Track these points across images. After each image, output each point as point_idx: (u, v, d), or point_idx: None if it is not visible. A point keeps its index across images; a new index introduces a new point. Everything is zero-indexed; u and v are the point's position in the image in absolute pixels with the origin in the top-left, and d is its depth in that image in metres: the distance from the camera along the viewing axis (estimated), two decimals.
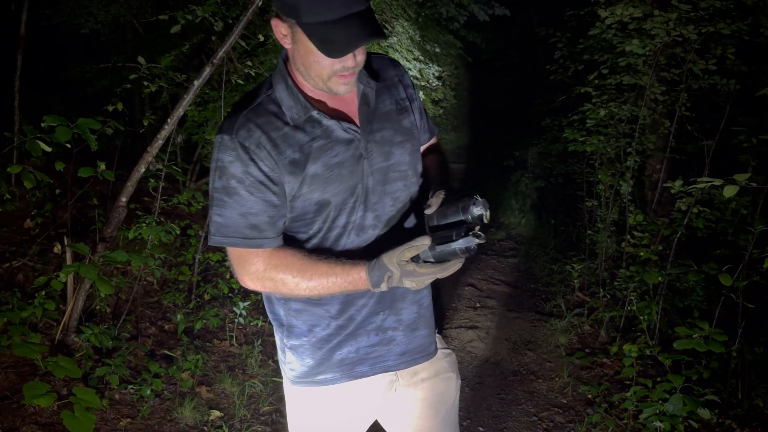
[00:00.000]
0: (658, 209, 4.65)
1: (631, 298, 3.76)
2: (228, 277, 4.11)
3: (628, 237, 4.16)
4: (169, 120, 3.16)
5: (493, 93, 13.03)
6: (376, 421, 1.68)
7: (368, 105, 1.45)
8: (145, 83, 3.58)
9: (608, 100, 4.67)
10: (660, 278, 3.37)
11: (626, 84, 4.43)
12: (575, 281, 4.94)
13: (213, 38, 3.64)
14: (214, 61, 3.11)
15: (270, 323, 3.96)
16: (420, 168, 1.54)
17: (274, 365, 3.55)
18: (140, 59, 3.33)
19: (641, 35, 3.97)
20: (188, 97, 3.15)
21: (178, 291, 4.02)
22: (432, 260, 1.29)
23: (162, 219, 3.60)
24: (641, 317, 3.34)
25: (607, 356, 3.80)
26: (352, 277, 1.34)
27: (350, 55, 1.29)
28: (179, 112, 3.17)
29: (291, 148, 1.34)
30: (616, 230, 4.97)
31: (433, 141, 1.66)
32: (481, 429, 3.16)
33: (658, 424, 2.71)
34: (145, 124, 3.71)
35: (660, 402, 2.75)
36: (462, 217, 1.29)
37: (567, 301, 4.75)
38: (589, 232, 5.32)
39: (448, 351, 1.67)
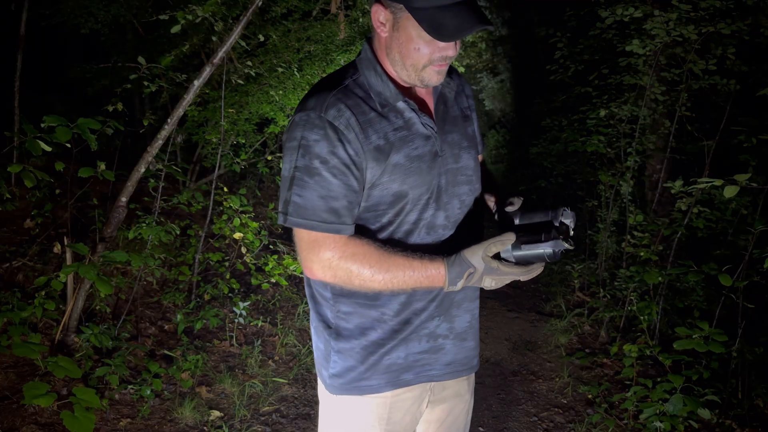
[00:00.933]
0: (658, 209, 4.65)
1: (631, 298, 3.76)
2: (228, 277, 4.11)
3: (628, 237, 4.16)
4: (169, 120, 3.16)
5: (493, 93, 13.03)
6: None
7: (445, 104, 1.44)
8: (145, 83, 3.58)
9: (608, 100, 4.67)
10: (660, 278, 3.37)
11: (626, 84, 4.44)
12: (575, 281, 4.95)
13: (213, 38, 3.64)
14: (214, 61, 3.11)
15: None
16: (480, 176, 1.53)
17: (274, 365, 3.55)
18: (140, 59, 3.33)
19: (641, 35, 3.97)
20: (188, 97, 3.15)
21: (178, 291, 4.02)
22: (512, 260, 1.26)
23: (162, 219, 3.60)
24: (641, 317, 3.34)
25: (607, 356, 3.80)
26: (430, 272, 1.30)
27: (452, 44, 1.28)
28: (179, 112, 3.16)
29: (376, 134, 1.31)
30: (616, 230, 4.97)
31: (480, 157, 1.64)
32: (481, 429, 3.16)
33: (658, 424, 2.71)
34: (145, 124, 3.71)
35: (660, 402, 2.74)
36: (549, 219, 1.28)
37: (567, 301, 4.75)
38: (589, 232, 5.32)
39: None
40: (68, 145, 2.73)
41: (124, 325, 3.50)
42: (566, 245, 1.22)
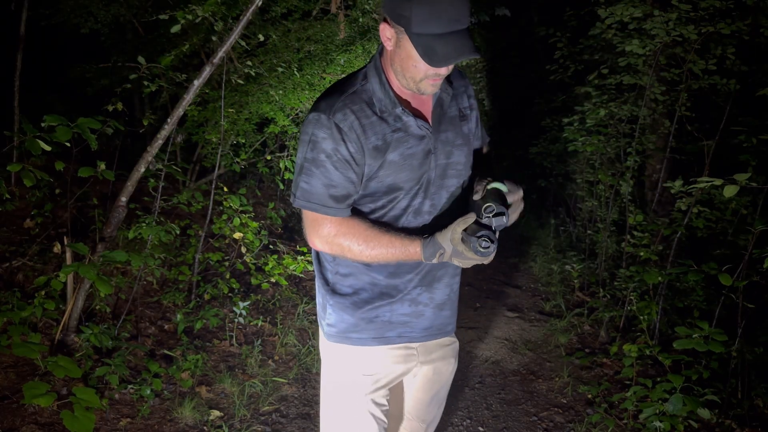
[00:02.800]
0: (658, 209, 4.65)
1: (631, 298, 3.76)
2: (228, 276, 4.11)
3: (628, 237, 4.16)
4: (169, 120, 3.16)
5: (493, 93, 13.03)
6: None
7: (441, 107, 1.66)
8: (145, 83, 3.57)
9: (608, 100, 4.67)
10: (660, 278, 3.37)
11: (626, 84, 4.44)
12: (575, 281, 4.95)
13: (213, 38, 3.64)
14: (214, 60, 3.11)
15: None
16: (471, 169, 1.75)
17: (274, 365, 3.55)
18: (140, 59, 3.33)
19: (641, 35, 3.97)
20: (188, 97, 3.15)
21: (178, 291, 4.02)
22: (477, 245, 1.42)
23: (162, 219, 3.60)
24: (641, 317, 3.34)
25: (607, 356, 3.80)
26: (409, 250, 1.54)
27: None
28: (179, 111, 3.16)
29: (375, 136, 1.54)
30: (616, 230, 4.97)
31: (485, 149, 1.87)
32: (481, 429, 3.16)
33: (657, 424, 2.71)
34: (145, 123, 3.71)
35: (660, 402, 2.75)
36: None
37: (567, 301, 4.76)
38: (589, 232, 5.32)
39: (455, 339, 1.93)
40: (68, 145, 2.73)
41: (124, 324, 3.50)
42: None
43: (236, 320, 3.82)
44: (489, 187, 1.53)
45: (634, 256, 4.14)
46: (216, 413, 3.03)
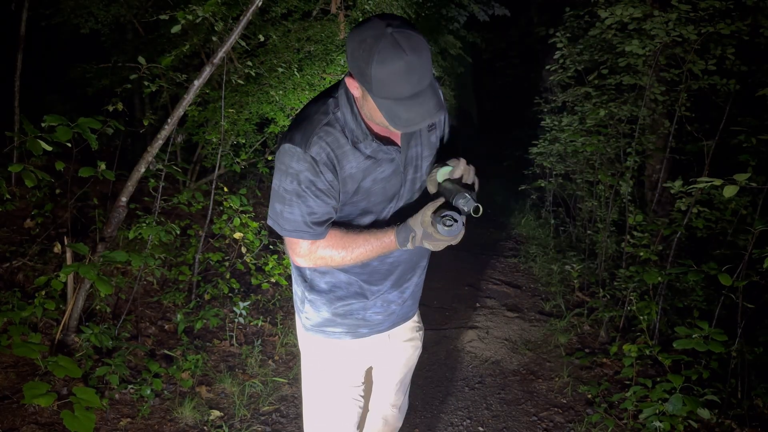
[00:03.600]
0: (658, 209, 4.65)
1: (631, 298, 3.76)
2: (228, 276, 4.11)
3: (628, 237, 4.16)
4: (169, 120, 3.16)
5: (493, 93, 13.03)
6: None
7: None
8: (146, 83, 3.57)
9: (608, 100, 4.67)
10: (660, 278, 3.37)
11: (626, 84, 4.44)
12: (575, 281, 4.95)
13: (213, 38, 3.64)
14: (215, 61, 3.11)
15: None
16: None
17: (273, 365, 3.56)
18: (140, 59, 3.33)
19: (641, 35, 3.97)
20: (188, 97, 3.15)
21: (178, 291, 4.02)
22: (442, 224, 1.50)
23: (162, 219, 3.60)
24: (641, 317, 3.34)
25: (607, 356, 3.80)
26: (383, 242, 1.62)
27: None
28: (179, 112, 3.16)
29: (350, 164, 1.60)
30: (616, 230, 4.97)
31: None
32: (481, 429, 3.16)
33: (657, 424, 2.71)
34: (145, 124, 3.71)
35: (660, 402, 2.75)
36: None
37: (567, 301, 4.76)
38: (589, 232, 5.33)
39: (422, 326, 2.10)
40: (69, 145, 2.73)
41: (124, 324, 3.50)
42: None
43: (236, 320, 3.82)
44: (441, 179, 1.60)
45: (634, 256, 4.14)
46: (216, 413, 3.03)
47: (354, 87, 1.53)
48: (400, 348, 2.01)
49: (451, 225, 1.48)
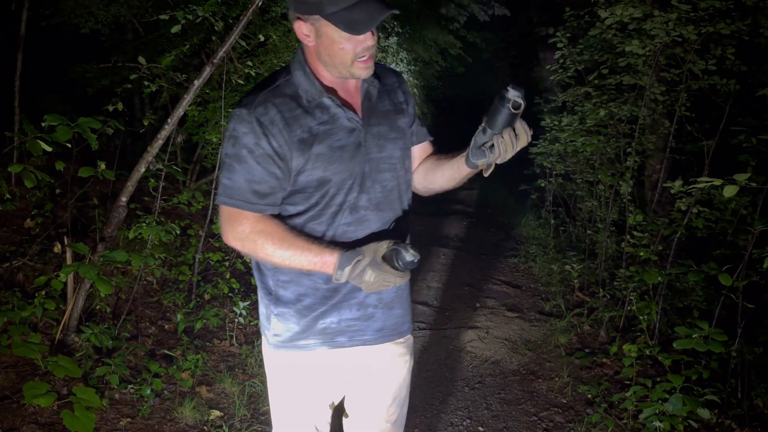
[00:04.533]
0: (658, 209, 4.65)
1: (631, 298, 3.76)
2: (228, 276, 4.11)
3: (628, 237, 4.16)
4: (169, 120, 3.16)
5: (493, 93, 13.02)
6: None
7: (370, 101, 1.64)
8: (146, 83, 3.58)
9: (608, 100, 4.67)
10: (660, 278, 3.37)
11: (626, 84, 4.43)
12: (575, 281, 4.94)
13: (213, 38, 3.64)
14: (215, 61, 3.11)
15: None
16: (408, 164, 1.75)
17: None
18: (140, 59, 3.33)
19: (641, 35, 3.97)
20: (188, 97, 3.15)
21: (178, 291, 4.02)
22: (405, 251, 1.43)
23: (162, 219, 3.60)
24: (641, 317, 3.34)
25: (607, 356, 3.80)
26: (325, 258, 1.50)
27: (369, 34, 1.47)
28: (179, 111, 3.17)
29: (301, 129, 1.51)
30: (616, 230, 4.97)
31: (430, 149, 1.83)
32: (481, 429, 3.16)
33: (657, 424, 2.71)
34: (146, 124, 3.71)
35: (660, 402, 2.75)
36: (500, 106, 1.45)
37: (567, 301, 4.76)
38: (589, 232, 5.32)
39: (410, 336, 1.86)
40: (68, 145, 2.73)
41: (124, 324, 3.50)
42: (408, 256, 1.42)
43: (236, 320, 3.82)
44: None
45: (634, 256, 4.14)
46: (216, 413, 3.03)
47: (304, 31, 1.49)
48: (387, 363, 1.79)
49: (413, 260, 1.41)
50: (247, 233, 1.53)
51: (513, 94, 1.42)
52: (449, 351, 4.00)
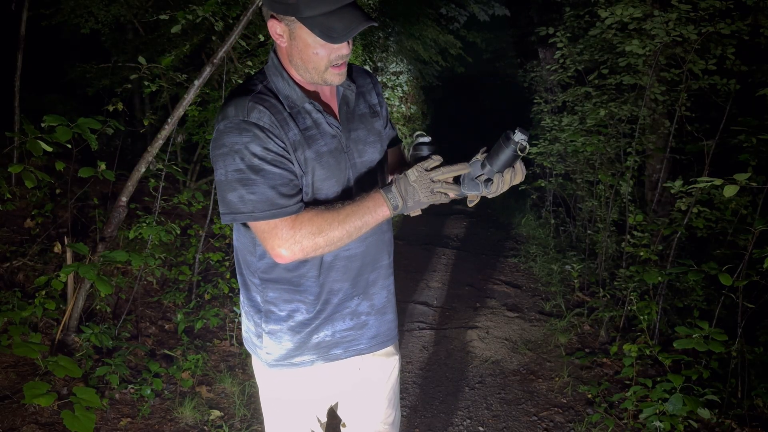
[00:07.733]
0: (658, 209, 4.65)
1: (631, 298, 3.76)
2: (228, 276, 4.11)
3: (628, 237, 4.16)
4: (169, 120, 3.17)
5: (493, 93, 13.03)
6: None
7: (348, 105, 1.61)
8: (146, 83, 3.58)
9: (608, 100, 4.67)
10: (660, 278, 3.38)
11: (626, 84, 4.43)
12: (575, 281, 4.95)
13: (213, 38, 3.65)
14: (215, 61, 3.11)
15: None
16: (386, 166, 1.71)
17: None
18: (140, 59, 3.33)
19: (641, 35, 3.97)
20: (188, 97, 3.15)
21: (179, 291, 4.02)
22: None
23: (162, 219, 3.60)
24: (641, 317, 3.34)
25: (607, 356, 3.80)
26: (368, 204, 1.44)
27: (345, 44, 1.43)
28: (179, 111, 3.17)
29: (292, 132, 1.47)
30: (616, 230, 4.97)
31: (398, 152, 1.81)
32: (481, 429, 3.16)
33: (657, 423, 2.71)
34: (146, 124, 3.72)
35: (660, 402, 2.75)
36: (505, 147, 1.43)
37: (567, 301, 4.76)
38: (589, 232, 5.32)
39: (397, 344, 1.84)
40: (68, 145, 2.73)
41: (125, 324, 3.50)
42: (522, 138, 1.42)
43: (236, 320, 3.82)
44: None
45: (634, 256, 4.14)
46: (216, 413, 3.03)
47: (278, 31, 1.44)
48: (381, 369, 1.77)
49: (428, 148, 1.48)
50: (299, 235, 1.43)
51: (520, 137, 1.41)
52: (449, 351, 4.00)
